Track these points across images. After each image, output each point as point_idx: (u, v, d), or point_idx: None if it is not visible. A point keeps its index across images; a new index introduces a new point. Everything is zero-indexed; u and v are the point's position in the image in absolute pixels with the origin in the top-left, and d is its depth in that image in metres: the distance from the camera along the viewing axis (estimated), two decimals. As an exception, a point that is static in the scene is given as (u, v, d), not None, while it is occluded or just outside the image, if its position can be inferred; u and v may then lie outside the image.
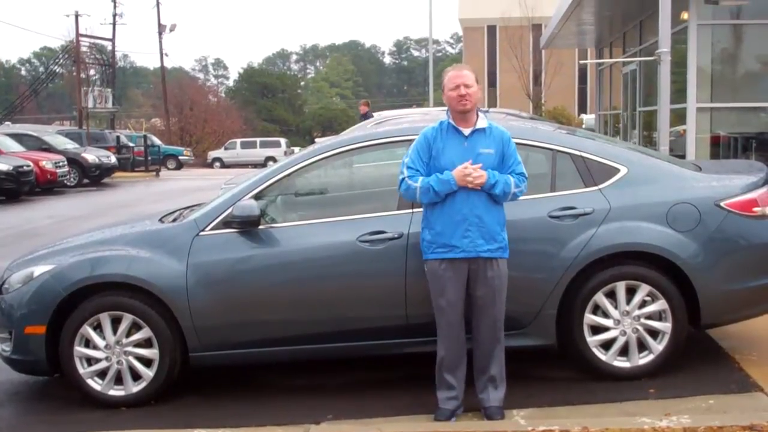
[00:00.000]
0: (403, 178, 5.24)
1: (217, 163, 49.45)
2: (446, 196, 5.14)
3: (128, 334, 5.84)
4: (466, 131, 5.22)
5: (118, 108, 53.10)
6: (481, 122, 5.27)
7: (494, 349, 5.33)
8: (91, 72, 49.45)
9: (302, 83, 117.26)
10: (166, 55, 77.80)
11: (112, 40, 50.54)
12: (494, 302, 5.25)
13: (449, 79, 5.25)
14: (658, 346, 5.80)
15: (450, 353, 5.30)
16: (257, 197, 5.92)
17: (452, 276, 5.18)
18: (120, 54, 66.24)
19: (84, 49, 47.33)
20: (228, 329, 5.79)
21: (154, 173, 36.40)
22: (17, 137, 27.65)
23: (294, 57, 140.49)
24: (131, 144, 38.86)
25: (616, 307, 5.77)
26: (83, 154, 28.92)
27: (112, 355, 5.84)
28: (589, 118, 41.16)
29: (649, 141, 19.12)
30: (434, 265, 5.23)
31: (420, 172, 5.20)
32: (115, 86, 51.09)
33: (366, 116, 20.70)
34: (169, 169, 42.75)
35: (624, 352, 5.82)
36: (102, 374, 5.89)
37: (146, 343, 5.84)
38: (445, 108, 5.42)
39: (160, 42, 54.73)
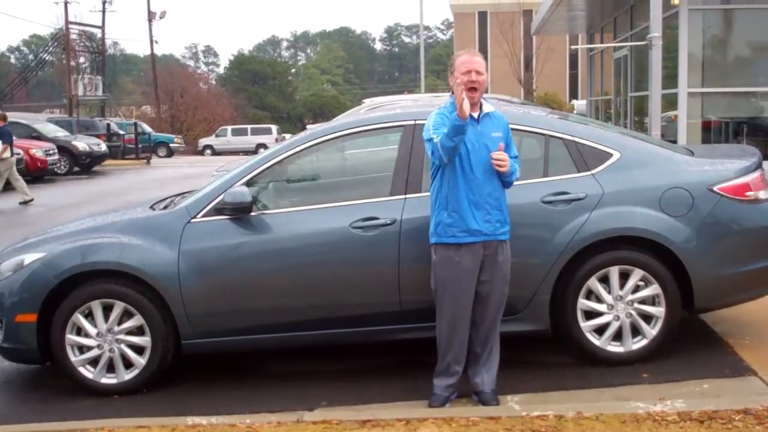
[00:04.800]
0: (433, 150, 5.08)
1: (208, 151, 49.31)
2: (467, 179, 5.07)
3: (120, 322, 5.81)
4: (475, 115, 5.17)
5: (108, 96, 52.90)
6: (487, 107, 5.27)
7: (492, 334, 5.33)
8: (81, 60, 49.27)
9: (293, 70, 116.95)
10: (156, 42, 77.68)
11: (102, 27, 50.33)
12: (501, 286, 5.25)
13: (461, 62, 5.16)
14: (651, 331, 5.80)
15: (457, 341, 5.27)
16: (249, 184, 5.88)
17: (469, 262, 5.14)
18: (110, 41, 66.15)
19: (74, 36, 47.13)
20: (220, 316, 5.76)
21: (145, 161, 36.29)
22: (7, 125, 27.49)
23: (285, 44, 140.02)
24: (122, 132, 38.75)
25: (609, 292, 5.77)
26: (74, 142, 28.81)
27: (104, 343, 5.82)
28: (580, 103, 41.12)
29: (640, 126, 19.12)
30: (449, 251, 5.15)
31: None
32: (105, 74, 50.86)
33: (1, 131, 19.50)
34: (159, 156, 42.61)
35: (618, 337, 5.82)
36: (94, 362, 5.87)
37: (138, 331, 5.82)
38: (437, 95, 5.39)
39: (150, 29, 54.53)
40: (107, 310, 5.80)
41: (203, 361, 6.34)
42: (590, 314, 5.80)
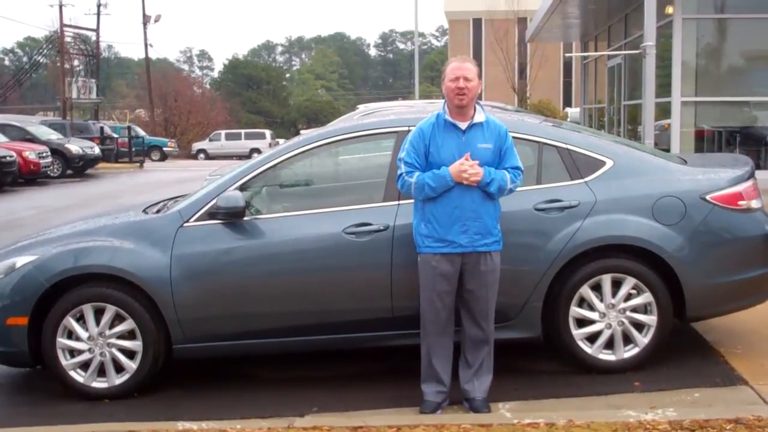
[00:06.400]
0: (401, 174, 5.20)
1: (202, 155, 49.27)
2: (444, 191, 5.08)
3: (111, 326, 5.79)
4: (463, 125, 5.16)
5: (102, 99, 52.87)
6: (479, 116, 5.21)
7: (483, 342, 5.32)
8: (75, 62, 49.23)
9: (287, 75, 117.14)
10: (151, 46, 77.68)
11: (97, 30, 50.22)
12: (486, 295, 5.24)
13: (450, 69, 5.17)
14: (643, 339, 5.80)
15: (439, 346, 5.28)
16: (242, 188, 5.88)
17: (447, 270, 5.15)
18: (104, 44, 66.23)
19: (68, 39, 47.12)
20: (212, 321, 5.75)
21: (138, 164, 36.22)
22: (0, 127, 27.45)
23: (279, 49, 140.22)
24: (115, 135, 38.63)
25: (601, 300, 5.77)
26: (67, 145, 28.75)
27: (95, 347, 5.80)
28: (573, 111, 41.22)
29: (633, 135, 19.17)
30: (428, 258, 5.18)
31: (417, 167, 5.14)
32: (99, 77, 50.82)
33: None
34: (153, 160, 42.56)
35: (609, 345, 5.82)
36: (85, 366, 5.84)
37: (129, 335, 5.80)
38: (431, 101, 5.39)
39: (145, 33, 54.39)
40: (99, 313, 5.78)
41: (195, 366, 6.32)
42: (582, 322, 5.80)
